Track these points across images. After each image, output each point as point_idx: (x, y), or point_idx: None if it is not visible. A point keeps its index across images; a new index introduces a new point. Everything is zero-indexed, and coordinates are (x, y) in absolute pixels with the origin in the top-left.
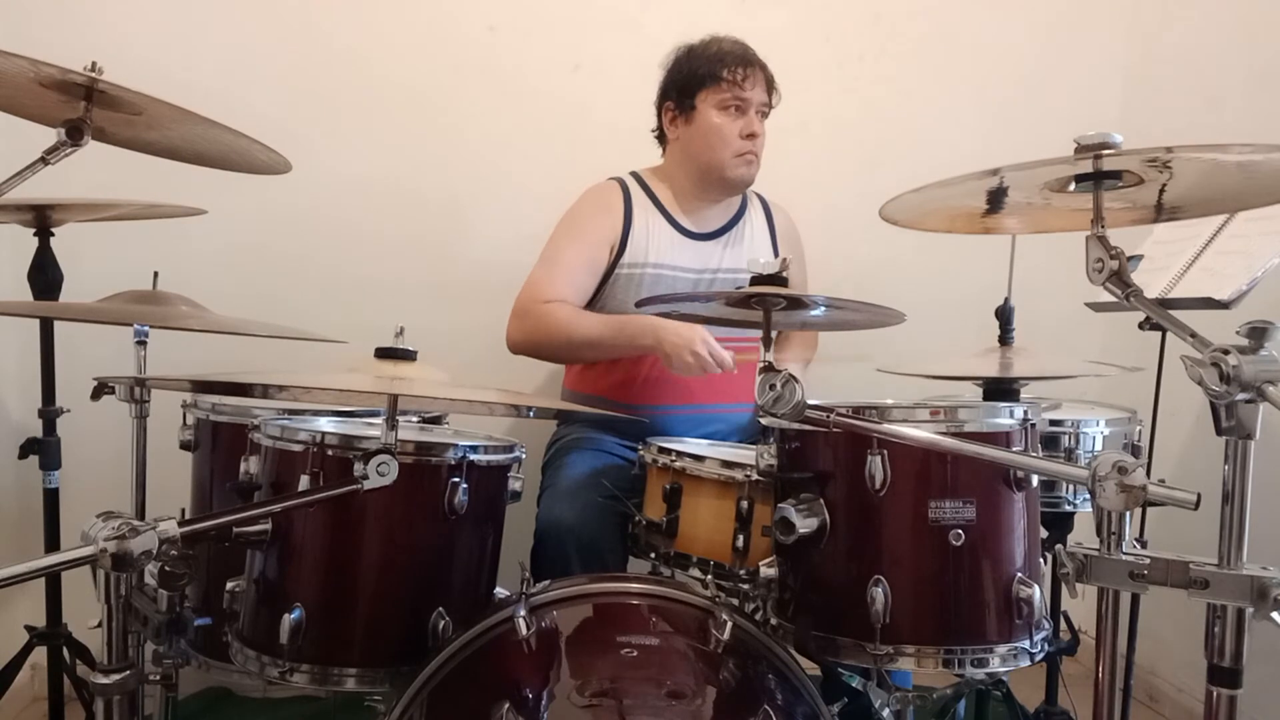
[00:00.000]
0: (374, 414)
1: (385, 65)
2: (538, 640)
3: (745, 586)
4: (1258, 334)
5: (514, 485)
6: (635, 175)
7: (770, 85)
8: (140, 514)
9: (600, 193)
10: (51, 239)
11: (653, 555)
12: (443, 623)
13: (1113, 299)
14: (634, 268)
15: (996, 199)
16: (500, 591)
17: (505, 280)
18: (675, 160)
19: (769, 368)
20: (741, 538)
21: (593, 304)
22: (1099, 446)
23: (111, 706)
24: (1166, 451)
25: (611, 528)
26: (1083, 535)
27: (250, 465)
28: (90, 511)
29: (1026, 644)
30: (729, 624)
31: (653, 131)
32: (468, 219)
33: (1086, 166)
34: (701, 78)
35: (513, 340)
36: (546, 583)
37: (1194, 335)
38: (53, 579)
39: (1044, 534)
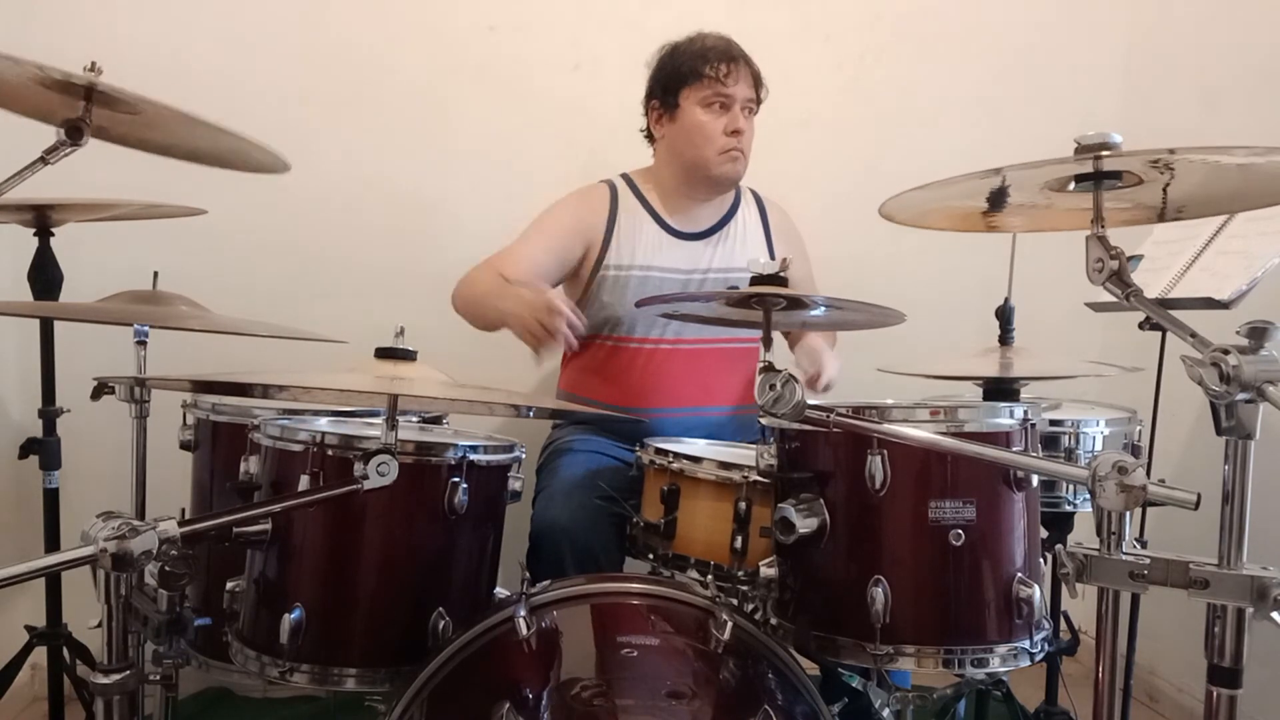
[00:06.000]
0: (374, 414)
1: (385, 65)
2: (538, 640)
3: (745, 587)
4: (1258, 334)
5: (514, 485)
6: (625, 177)
7: (757, 81)
8: (140, 514)
9: (584, 192)
10: (51, 239)
11: (651, 557)
12: (443, 623)
13: (1113, 299)
14: (620, 269)
15: (998, 199)
16: (500, 591)
17: None
18: (662, 159)
19: (769, 368)
20: (740, 539)
21: (579, 307)
22: (1099, 446)
23: (111, 706)
24: (1166, 451)
25: (606, 530)
26: (1083, 535)
27: (250, 465)
28: (90, 511)
29: (1026, 644)
30: (729, 624)
31: (642, 131)
32: (468, 219)
33: (1087, 166)
34: (684, 75)
35: (452, 298)
36: (546, 583)
37: (1194, 335)
38: (53, 579)
39: (1044, 534)
